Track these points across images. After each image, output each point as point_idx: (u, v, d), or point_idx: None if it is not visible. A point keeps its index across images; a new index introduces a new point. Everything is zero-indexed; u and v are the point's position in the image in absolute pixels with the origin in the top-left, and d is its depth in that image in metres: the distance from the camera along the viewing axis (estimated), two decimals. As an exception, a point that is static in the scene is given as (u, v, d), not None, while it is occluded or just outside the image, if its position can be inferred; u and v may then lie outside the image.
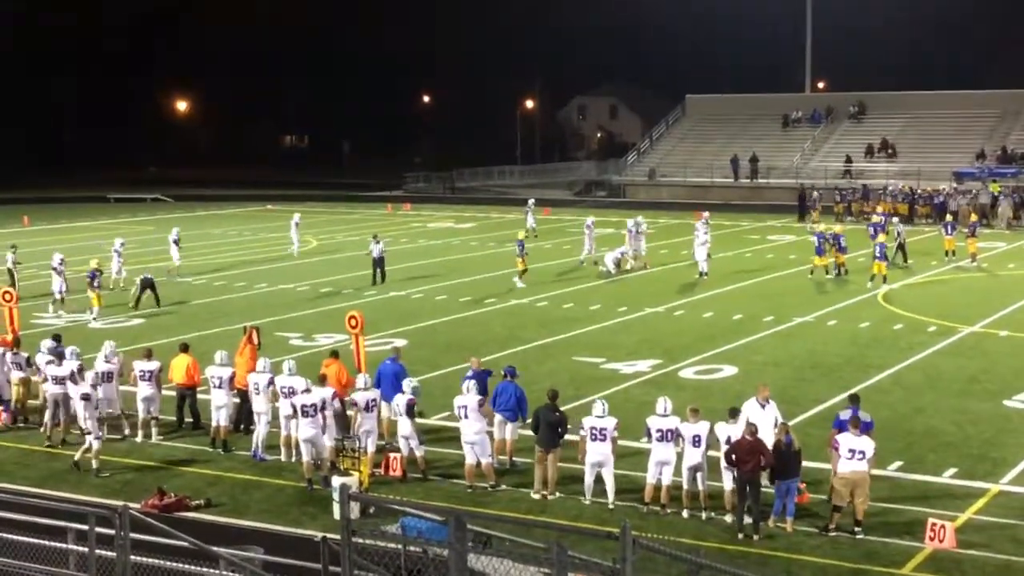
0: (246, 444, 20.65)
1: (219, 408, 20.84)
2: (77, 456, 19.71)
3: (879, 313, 32.95)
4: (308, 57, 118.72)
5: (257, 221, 63.27)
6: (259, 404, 20.34)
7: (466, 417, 18.54)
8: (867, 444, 16.47)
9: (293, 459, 19.76)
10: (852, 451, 16.40)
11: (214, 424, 20.91)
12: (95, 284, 33.20)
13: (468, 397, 18.68)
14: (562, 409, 18.50)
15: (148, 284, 35.34)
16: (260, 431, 20.27)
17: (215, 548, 11.97)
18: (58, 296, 34.91)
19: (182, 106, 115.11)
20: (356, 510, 14.61)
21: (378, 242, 39.48)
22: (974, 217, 44.53)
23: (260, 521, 17.27)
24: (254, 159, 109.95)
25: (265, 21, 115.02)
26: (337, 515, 16.82)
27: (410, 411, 18.98)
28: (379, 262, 38.95)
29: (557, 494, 17.84)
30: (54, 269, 35.34)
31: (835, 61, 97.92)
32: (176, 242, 42.00)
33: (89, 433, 19.46)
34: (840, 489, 16.39)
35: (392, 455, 19.23)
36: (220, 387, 20.86)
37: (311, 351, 28.25)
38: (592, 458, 17.48)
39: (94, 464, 19.48)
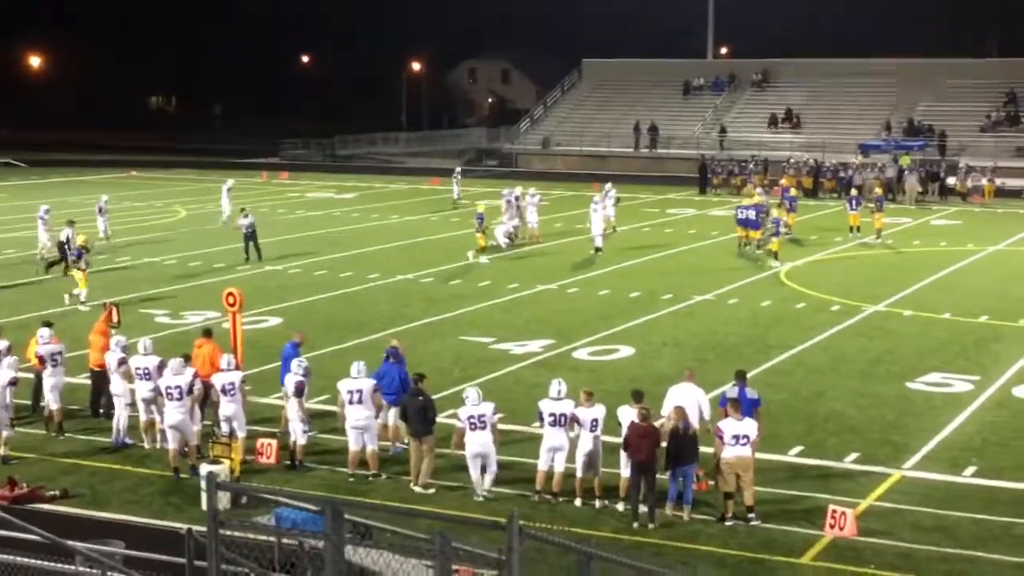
0: (108, 428, 20.33)
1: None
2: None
3: (781, 292, 33.54)
4: (175, 13, 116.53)
5: (121, 188, 62.07)
6: (115, 386, 20.03)
7: (360, 402, 18.44)
8: (750, 427, 16.83)
9: (158, 446, 19.54)
10: (736, 437, 16.71)
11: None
12: (83, 263, 31.68)
13: (362, 381, 18.56)
14: (427, 393, 18.30)
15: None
16: (120, 415, 19.96)
17: (71, 542, 11.76)
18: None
19: (35, 62, 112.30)
20: (226, 500, 14.48)
21: (247, 216, 38.75)
22: (879, 191, 45.37)
23: (122, 513, 17.05)
24: (118, 122, 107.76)
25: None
26: (205, 506, 16.73)
27: (299, 392, 18.85)
28: (250, 237, 38.05)
29: (432, 490, 17.75)
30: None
31: (739, 26, 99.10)
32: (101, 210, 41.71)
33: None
34: (727, 476, 16.70)
35: (266, 441, 19.10)
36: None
37: (179, 330, 27.91)
38: (473, 449, 17.37)
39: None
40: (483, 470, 17.51)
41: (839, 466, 19.06)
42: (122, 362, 19.97)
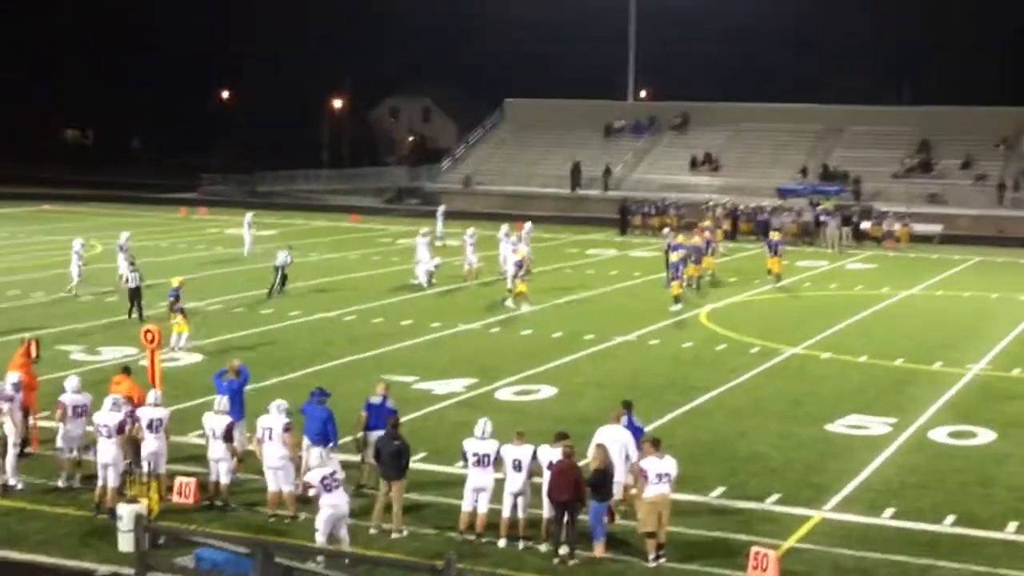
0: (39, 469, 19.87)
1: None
2: None
3: (702, 333, 33.80)
4: (92, 44, 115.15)
5: (33, 223, 61.14)
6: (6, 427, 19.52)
7: (270, 439, 18.23)
8: (671, 466, 16.96)
9: (74, 484, 19.19)
10: (659, 475, 16.80)
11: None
12: (178, 306, 29.78)
13: (273, 419, 18.35)
14: (404, 438, 18.07)
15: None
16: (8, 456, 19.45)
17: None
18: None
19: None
20: (145, 541, 14.24)
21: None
22: (775, 236, 45.57)
23: (36, 554, 16.68)
24: (30, 154, 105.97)
25: (44, 2, 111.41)
26: (122, 546, 16.42)
27: (228, 435, 18.60)
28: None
29: (404, 532, 17.51)
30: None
31: (660, 69, 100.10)
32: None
33: None
34: (649, 515, 16.74)
35: (184, 480, 18.82)
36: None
37: (95, 366, 27.46)
38: (326, 512, 16.31)
39: None
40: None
41: (761, 507, 19.18)
42: (10, 399, 19.52)
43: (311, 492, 16.44)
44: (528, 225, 46.59)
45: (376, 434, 18.81)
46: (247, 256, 47.84)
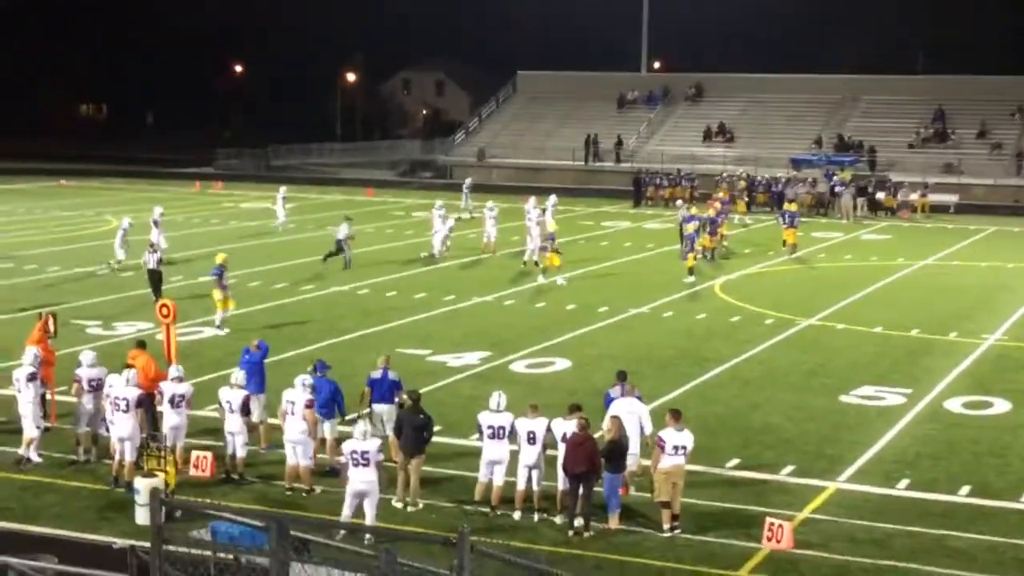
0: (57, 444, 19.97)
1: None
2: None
3: (716, 304, 33.75)
4: (106, 20, 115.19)
5: (49, 198, 61.29)
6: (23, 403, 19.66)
7: (292, 414, 18.29)
8: (688, 439, 17.00)
9: (93, 459, 19.27)
10: (676, 447, 16.82)
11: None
12: (223, 282, 29.18)
13: (297, 393, 18.39)
14: (427, 412, 18.09)
15: None
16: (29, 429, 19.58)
17: (3, 557, 11.56)
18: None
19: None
20: (161, 514, 14.29)
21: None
22: (793, 207, 45.52)
23: (53, 527, 16.77)
24: (46, 130, 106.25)
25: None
26: (139, 519, 16.49)
27: (245, 408, 18.67)
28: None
29: (420, 504, 17.55)
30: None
31: (673, 40, 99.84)
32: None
33: None
34: (663, 485, 16.76)
35: (201, 454, 18.90)
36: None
37: (111, 340, 27.56)
38: (354, 487, 16.45)
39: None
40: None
41: (775, 479, 19.19)
42: (32, 377, 19.58)
43: (340, 460, 16.44)
44: (553, 198, 46.39)
45: (383, 407, 18.92)
46: (280, 230, 48.06)
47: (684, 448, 16.89)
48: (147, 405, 18.98)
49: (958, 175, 64.85)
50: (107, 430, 18.95)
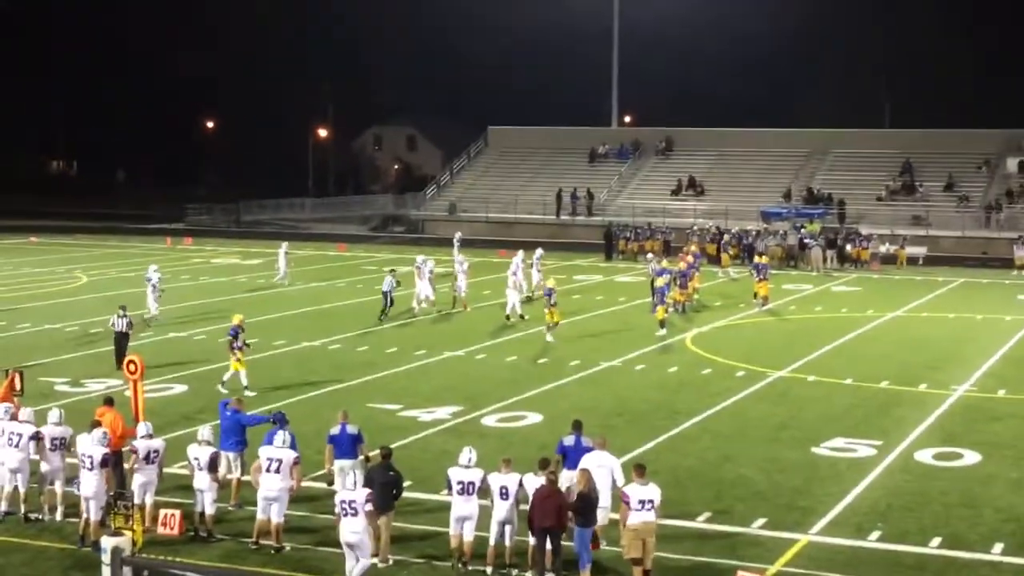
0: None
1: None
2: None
3: (687, 357, 33.79)
4: (76, 75, 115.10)
5: (19, 254, 61.01)
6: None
7: (276, 472, 18.17)
8: (655, 492, 16.81)
9: (58, 518, 19.08)
10: (642, 502, 16.68)
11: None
12: (236, 344, 28.39)
13: (283, 451, 18.31)
14: (398, 469, 18.08)
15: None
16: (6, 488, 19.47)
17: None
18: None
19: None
20: (129, 574, 14.14)
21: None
22: (763, 259, 45.67)
23: (19, 588, 16.58)
24: (15, 186, 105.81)
25: (28, 31, 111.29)
26: (108, 581, 16.29)
27: (213, 465, 18.58)
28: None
29: (390, 560, 17.46)
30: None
31: (644, 95, 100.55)
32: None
33: None
34: (633, 542, 16.65)
35: (168, 512, 18.72)
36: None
37: (79, 398, 27.35)
38: (344, 537, 16.55)
39: None
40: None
41: (747, 532, 19.14)
42: (35, 436, 19.39)
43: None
44: (539, 251, 46.52)
45: (345, 462, 18.99)
46: (284, 283, 48.58)
47: (651, 502, 16.73)
48: (114, 463, 18.83)
49: (926, 227, 65.40)
50: (78, 488, 18.78)
